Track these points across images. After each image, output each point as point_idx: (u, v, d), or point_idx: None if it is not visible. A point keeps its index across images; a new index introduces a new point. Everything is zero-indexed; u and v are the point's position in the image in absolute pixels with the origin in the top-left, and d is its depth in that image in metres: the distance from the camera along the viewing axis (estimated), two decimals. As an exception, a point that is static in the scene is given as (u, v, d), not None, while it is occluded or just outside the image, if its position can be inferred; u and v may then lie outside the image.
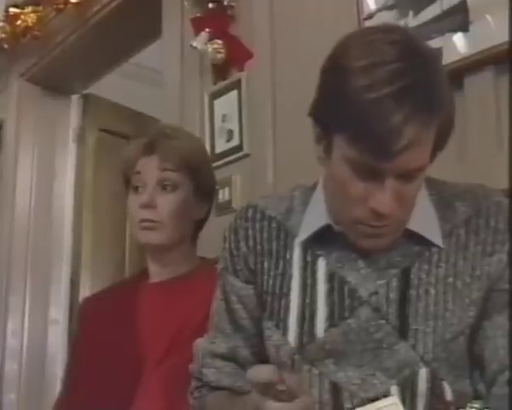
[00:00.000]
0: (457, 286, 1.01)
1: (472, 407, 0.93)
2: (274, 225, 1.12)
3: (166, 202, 1.45)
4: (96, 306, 1.57)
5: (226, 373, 1.14)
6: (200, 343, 1.18)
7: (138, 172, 1.47)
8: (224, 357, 1.15)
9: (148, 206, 1.44)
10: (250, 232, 1.13)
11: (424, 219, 1.03)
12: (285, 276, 1.09)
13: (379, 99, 0.88)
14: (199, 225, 1.55)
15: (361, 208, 0.96)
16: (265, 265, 1.11)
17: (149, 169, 1.46)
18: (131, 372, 1.38)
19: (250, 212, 1.15)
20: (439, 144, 0.96)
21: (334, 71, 0.95)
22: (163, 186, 1.45)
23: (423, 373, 0.99)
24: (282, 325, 1.06)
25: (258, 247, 1.12)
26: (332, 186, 1.02)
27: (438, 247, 1.03)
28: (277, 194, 1.20)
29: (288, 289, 1.07)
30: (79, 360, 1.51)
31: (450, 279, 1.02)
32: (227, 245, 1.16)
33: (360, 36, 0.97)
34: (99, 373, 1.41)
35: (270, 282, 1.10)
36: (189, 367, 1.19)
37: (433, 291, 1.01)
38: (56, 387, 2.97)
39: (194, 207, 1.50)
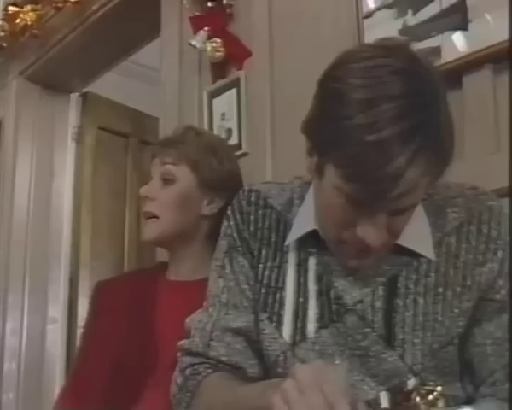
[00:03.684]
0: (447, 296, 1.00)
1: None
2: (274, 216, 1.11)
3: (164, 194, 1.50)
4: (112, 292, 1.54)
5: (237, 350, 1.09)
6: (197, 318, 1.14)
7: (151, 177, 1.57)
8: (237, 332, 1.09)
9: (147, 197, 1.51)
10: (252, 217, 1.12)
11: (416, 232, 1.00)
12: (281, 270, 1.08)
13: (380, 142, 0.83)
14: (214, 223, 1.48)
15: (348, 232, 0.94)
16: (263, 253, 1.10)
17: (154, 167, 1.55)
18: (142, 372, 1.38)
19: (253, 196, 1.13)
20: (438, 177, 0.93)
21: (333, 95, 0.90)
22: (164, 180, 1.51)
23: (412, 383, 0.97)
24: (275, 319, 1.06)
25: (259, 232, 1.11)
26: (320, 202, 1.00)
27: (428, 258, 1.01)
28: (278, 183, 1.17)
29: (283, 283, 1.07)
30: (91, 349, 1.50)
31: (440, 289, 1.00)
32: (232, 223, 1.13)
33: (361, 59, 0.90)
34: (109, 367, 1.41)
35: (266, 273, 1.09)
36: (179, 344, 1.14)
37: (421, 301, 1.00)
38: (55, 386, 2.97)
39: (199, 200, 1.50)
